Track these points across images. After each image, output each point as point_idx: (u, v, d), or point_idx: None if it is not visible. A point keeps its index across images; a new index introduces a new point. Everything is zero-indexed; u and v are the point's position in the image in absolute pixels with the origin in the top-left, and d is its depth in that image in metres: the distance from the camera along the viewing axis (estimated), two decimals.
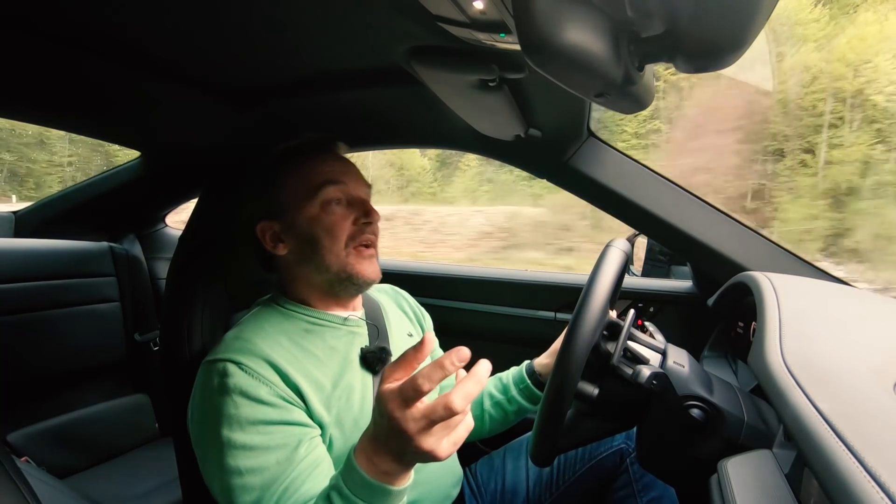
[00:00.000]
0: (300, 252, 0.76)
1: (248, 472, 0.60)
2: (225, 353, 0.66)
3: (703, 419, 0.62)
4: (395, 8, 0.56)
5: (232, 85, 0.87)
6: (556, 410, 0.63)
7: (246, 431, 0.61)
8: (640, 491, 0.84)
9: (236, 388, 0.63)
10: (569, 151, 1.01)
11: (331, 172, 0.76)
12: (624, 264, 0.67)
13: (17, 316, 1.30)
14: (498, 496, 0.90)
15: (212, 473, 0.63)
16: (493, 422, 0.95)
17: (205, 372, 0.67)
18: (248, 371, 0.64)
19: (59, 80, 0.80)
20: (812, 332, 0.55)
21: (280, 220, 0.76)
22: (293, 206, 0.75)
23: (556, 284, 1.31)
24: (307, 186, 0.75)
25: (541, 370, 0.91)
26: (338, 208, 0.75)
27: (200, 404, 0.66)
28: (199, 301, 0.85)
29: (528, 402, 0.91)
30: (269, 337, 0.70)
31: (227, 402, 0.62)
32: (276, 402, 0.64)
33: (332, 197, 0.75)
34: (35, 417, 1.34)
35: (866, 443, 0.33)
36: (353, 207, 0.76)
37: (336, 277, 0.75)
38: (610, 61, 0.41)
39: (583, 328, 0.61)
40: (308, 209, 0.74)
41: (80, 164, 11.24)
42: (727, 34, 0.38)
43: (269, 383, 0.64)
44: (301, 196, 0.75)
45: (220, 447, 0.61)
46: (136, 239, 1.65)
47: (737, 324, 0.98)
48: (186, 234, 0.91)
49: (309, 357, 0.71)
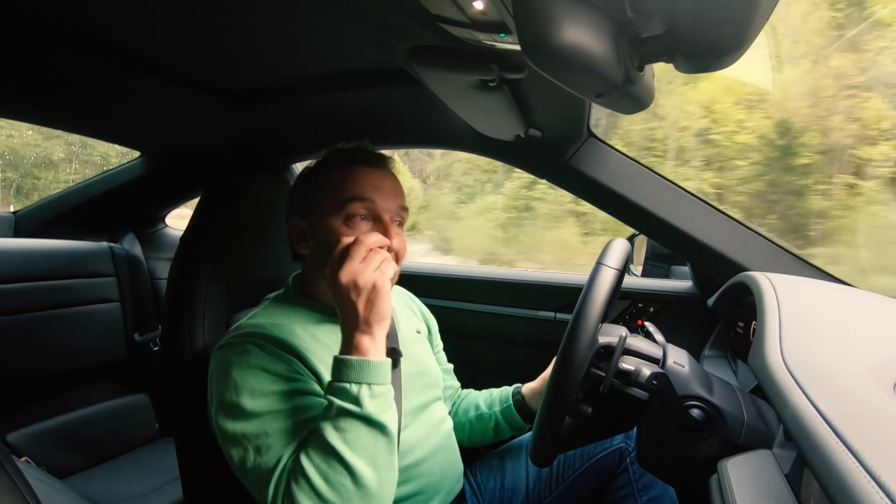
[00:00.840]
0: (316, 256, 0.77)
1: (269, 435, 0.62)
2: (244, 336, 0.69)
3: (703, 419, 0.62)
4: (395, 8, 0.56)
5: (232, 85, 0.87)
6: (556, 412, 0.63)
7: (268, 399, 0.64)
8: (640, 490, 0.84)
9: (257, 364, 0.66)
10: (569, 151, 1.01)
11: (361, 187, 0.75)
12: (615, 286, 0.66)
13: (17, 316, 1.30)
14: (497, 495, 0.90)
15: (233, 442, 0.63)
16: (473, 433, 0.95)
17: (223, 352, 0.69)
18: (267, 350, 0.67)
19: (59, 81, 0.80)
20: (812, 332, 0.55)
21: (309, 220, 0.78)
22: (321, 211, 0.76)
23: (556, 284, 1.31)
24: (337, 196, 0.75)
25: (528, 394, 0.91)
26: (363, 224, 0.74)
27: (220, 381, 0.67)
28: (200, 301, 0.85)
29: (505, 422, 0.92)
30: (283, 325, 0.72)
31: (249, 376, 0.65)
32: (295, 376, 0.67)
33: (356, 213, 0.74)
34: (35, 417, 1.34)
35: (866, 443, 0.33)
36: (376, 226, 0.75)
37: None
38: (610, 61, 0.41)
39: (581, 332, 0.62)
40: (332, 220, 0.74)
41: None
42: (727, 34, 0.38)
43: (289, 361, 0.68)
44: (331, 204, 0.75)
45: (243, 415, 0.63)
46: (136, 239, 1.65)
47: (737, 324, 0.98)
48: (187, 234, 0.91)
49: (323, 347, 0.73)
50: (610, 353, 0.67)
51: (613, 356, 0.66)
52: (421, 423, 0.81)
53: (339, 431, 0.58)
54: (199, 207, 0.93)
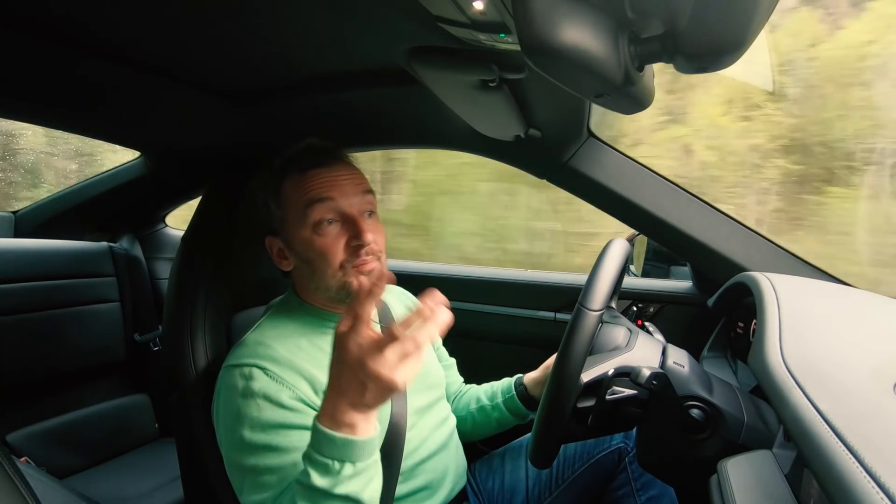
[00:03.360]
0: (300, 270, 0.77)
1: (266, 471, 0.63)
2: (250, 358, 0.68)
3: (702, 419, 0.62)
4: (395, 8, 0.56)
5: (232, 85, 0.87)
6: (556, 414, 0.63)
7: (266, 433, 0.64)
8: (639, 490, 0.84)
9: (260, 392, 0.65)
10: (569, 152, 1.01)
11: (317, 189, 0.72)
12: (596, 328, 0.65)
13: (17, 316, 1.30)
14: (497, 495, 0.91)
15: (233, 469, 0.67)
16: (476, 425, 0.96)
17: (229, 375, 0.69)
18: (272, 375, 0.67)
19: (59, 81, 0.80)
20: (812, 333, 0.55)
21: (282, 238, 0.76)
22: (290, 224, 0.74)
23: (556, 284, 1.31)
24: (298, 206, 0.73)
25: (529, 384, 0.92)
26: (330, 228, 0.72)
27: (225, 405, 0.69)
28: (202, 301, 0.85)
29: (510, 414, 0.92)
30: (289, 341, 0.72)
31: (251, 405, 0.65)
32: (296, 406, 0.66)
33: (322, 217, 0.71)
34: (35, 417, 1.34)
35: (866, 443, 0.33)
36: (346, 226, 0.72)
37: (337, 295, 0.75)
38: (610, 61, 0.41)
39: (565, 378, 0.62)
40: (301, 231, 0.72)
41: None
42: (727, 34, 0.38)
43: (292, 387, 0.67)
44: (295, 216, 0.73)
45: (241, 447, 0.64)
46: (136, 239, 1.65)
47: (737, 324, 0.98)
48: (189, 234, 0.91)
49: (328, 357, 0.72)
50: (597, 386, 0.66)
51: (599, 394, 0.65)
52: (426, 422, 0.82)
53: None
54: (201, 207, 0.93)
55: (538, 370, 0.93)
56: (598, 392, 0.66)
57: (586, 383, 0.65)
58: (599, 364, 0.67)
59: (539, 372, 0.92)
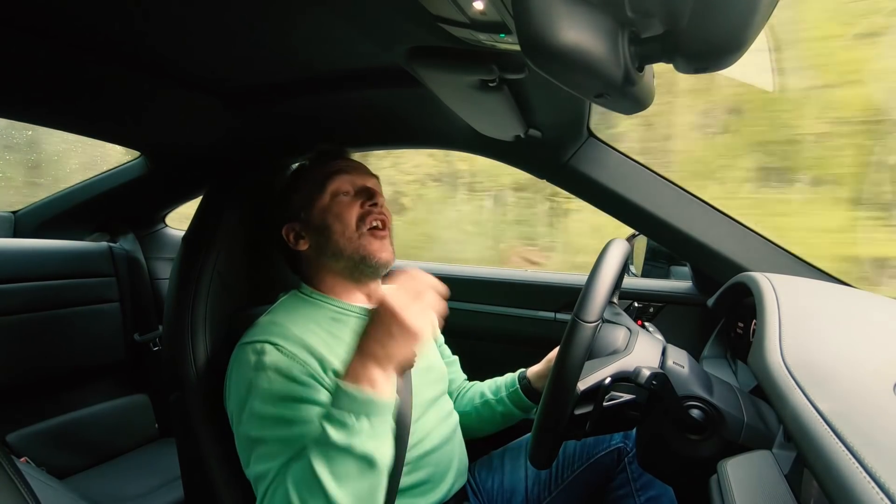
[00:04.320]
0: (317, 243, 0.82)
1: (274, 442, 0.64)
2: (262, 335, 0.71)
3: (702, 419, 0.62)
4: (395, 8, 0.56)
5: (232, 85, 0.87)
6: (555, 415, 0.63)
7: (276, 405, 0.66)
8: (639, 490, 0.84)
9: (271, 366, 0.68)
10: (569, 152, 1.01)
11: (337, 166, 0.84)
12: (592, 339, 0.64)
13: (17, 316, 1.30)
14: (497, 495, 0.91)
15: (242, 443, 0.68)
16: (482, 420, 0.97)
17: (242, 352, 0.72)
18: (283, 351, 0.69)
19: (58, 80, 0.80)
20: (812, 333, 0.54)
21: (299, 220, 0.84)
22: (307, 202, 0.83)
23: (556, 284, 1.31)
24: (316, 182, 0.83)
25: (533, 378, 0.93)
26: (345, 198, 0.82)
27: (237, 380, 0.71)
28: (202, 302, 0.85)
29: (515, 407, 0.93)
30: (300, 323, 0.75)
31: (262, 377, 0.67)
32: (306, 380, 0.68)
33: (340, 188, 0.82)
34: (35, 417, 1.34)
35: (866, 443, 0.33)
36: (359, 195, 0.83)
37: (351, 260, 0.81)
38: (610, 61, 0.41)
39: (562, 388, 0.62)
40: (319, 201, 0.82)
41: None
42: (727, 35, 0.38)
43: (303, 363, 0.69)
44: (313, 191, 0.83)
45: (251, 418, 0.67)
46: (136, 239, 1.65)
47: (737, 324, 0.98)
48: (189, 234, 0.91)
49: (339, 343, 0.75)
50: (595, 393, 0.66)
51: (597, 401, 0.65)
52: (431, 414, 0.83)
53: (327, 461, 0.57)
54: (202, 207, 0.93)
55: (541, 363, 0.93)
56: (595, 399, 0.65)
57: (583, 391, 0.64)
58: (597, 370, 0.66)
59: (542, 365, 0.93)
